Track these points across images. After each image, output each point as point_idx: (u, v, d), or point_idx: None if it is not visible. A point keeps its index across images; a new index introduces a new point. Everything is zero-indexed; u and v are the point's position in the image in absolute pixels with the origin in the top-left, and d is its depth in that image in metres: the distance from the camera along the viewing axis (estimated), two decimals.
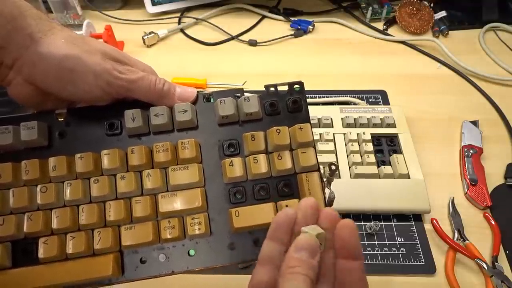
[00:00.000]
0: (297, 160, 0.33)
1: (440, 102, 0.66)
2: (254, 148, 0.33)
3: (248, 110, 0.34)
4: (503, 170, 0.56)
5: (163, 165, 0.33)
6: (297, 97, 0.35)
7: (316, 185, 0.32)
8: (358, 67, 0.74)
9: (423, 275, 0.47)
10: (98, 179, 0.32)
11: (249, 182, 0.33)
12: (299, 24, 0.81)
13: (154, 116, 0.33)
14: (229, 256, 0.31)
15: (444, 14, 0.80)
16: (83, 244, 0.30)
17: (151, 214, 0.32)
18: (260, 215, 0.31)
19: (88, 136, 0.33)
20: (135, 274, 0.31)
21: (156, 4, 0.84)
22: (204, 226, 0.31)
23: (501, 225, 0.50)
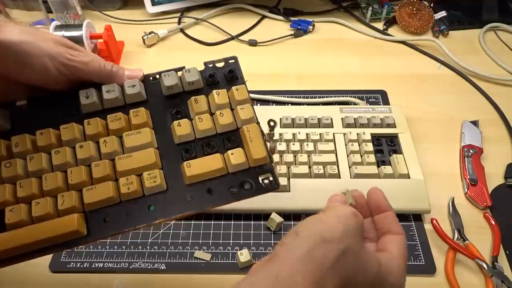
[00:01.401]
0: (237, 116, 0.36)
1: (440, 102, 0.66)
2: (198, 109, 0.37)
3: (190, 79, 0.37)
4: (503, 170, 0.56)
5: (117, 132, 0.36)
6: (232, 67, 0.39)
7: (256, 135, 0.35)
8: (358, 67, 0.74)
9: (423, 275, 0.47)
10: (59, 150, 0.34)
11: (197, 141, 0.36)
12: (299, 24, 0.81)
13: (106, 92, 0.36)
14: (186, 207, 0.34)
15: (444, 14, 0.81)
16: (48, 206, 0.32)
17: (110, 174, 0.34)
18: (210, 164, 0.34)
19: (48, 119, 0.36)
20: (100, 233, 0.32)
21: (156, 4, 0.84)
22: (159, 179, 0.33)
23: (501, 225, 0.50)
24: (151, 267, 0.48)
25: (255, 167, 0.35)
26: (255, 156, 0.34)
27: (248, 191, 0.34)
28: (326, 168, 0.53)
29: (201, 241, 0.50)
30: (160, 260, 0.48)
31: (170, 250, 0.49)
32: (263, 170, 0.35)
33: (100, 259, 0.48)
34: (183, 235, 0.50)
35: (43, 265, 0.48)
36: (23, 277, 0.47)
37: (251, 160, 0.35)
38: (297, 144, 0.56)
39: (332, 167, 0.53)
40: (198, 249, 0.49)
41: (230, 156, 0.35)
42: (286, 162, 0.54)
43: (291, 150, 0.55)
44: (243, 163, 0.35)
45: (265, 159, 0.35)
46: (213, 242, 0.50)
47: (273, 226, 0.50)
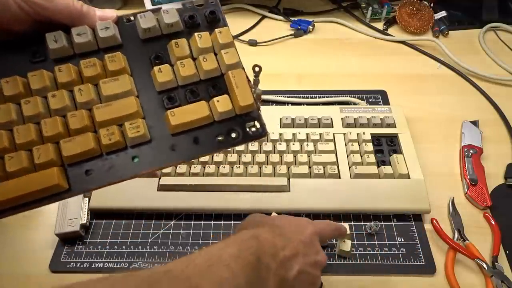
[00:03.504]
0: (222, 61, 0.34)
1: (440, 102, 0.66)
2: (180, 53, 0.34)
3: (168, 21, 0.34)
4: (503, 170, 0.56)
5: (93, 80, 0.33)
6: (213, 8, 0.36)
7: (243, 80, 0.34)
8: (358, 67, 0.74)
9: (423, 275, 0.47)
10: (29, 100, 0.31)
11: (180, 89, 0.34)
12: (299, 24, 0.81)
13: (77, 35, 0.33)
14: (171, 157, 0.32)
15: (444, 14, 0.81)
16: (23, 161, 0.30)
17: (89, 125, 0.31)
18: (196, 112, 0.33)
19: (13, 66, 0.33)
20: (82, 186, 0.31)
21: (156, 4, 0.84)
22: (142, 129, 0.32)
23: (501, 225, 0.50)
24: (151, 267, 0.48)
25: (242, 115, 0.33)
26: (242, 103, 0.33)
27: (235, 139, 0.33)
28: (326, 168, 0.53)
29: (201, 241, 0.50)
30: (160, 260, 0.48)
31: (170, 250, 0.49)
32: (250, 117, 0.34)
33: (100, 259, 0.48)
34: (183, 235, 0.50)
35: (43, 265, 0.48)
36: (23, 277, 0.47)
37: (237, 108, 0.33)
38: (297, 144, 0.56)
39: (332, 167, 0.53)
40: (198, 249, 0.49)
41: (216, 104, 0.33)
42: (286, 162, 0.54)
43: (291, 150, 0.55)
44: (230, 111, 0.33)
45: (252, 106, 0.33)
46: (213, 242, 0.50)
47: None
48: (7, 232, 0.51)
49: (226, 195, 0.51)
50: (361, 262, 0.48)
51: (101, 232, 0.50)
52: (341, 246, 0.47)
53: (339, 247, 0.48)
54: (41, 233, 0.50)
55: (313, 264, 0.38)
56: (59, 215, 0.50)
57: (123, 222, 0.51)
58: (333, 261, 0.48)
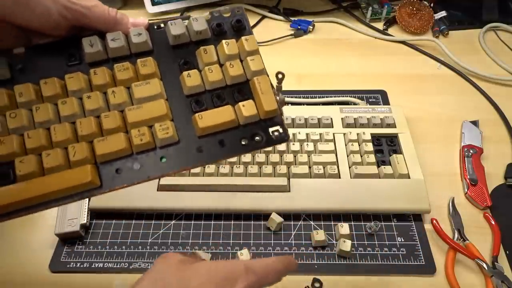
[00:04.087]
0: (247, 67, 0.36)
1: (440, 102, 0.66)
2: (208, 60, 0.36)
3: (197, 29, 0.36)
4: (503, 170, 0.56)
5: (126, 82, 0.35)
6: (239, 17, 0.38)
7: (267, 86, 0.35)
8: (358, 67, 0.74)
9: (423, 275, 0.47)
10: (65, 100, 0.33)
11: (207, 93, 0.35)
12: (299, 24, 0.81)
13: (111, 40, 0.35)
14: (198, 158, 0.34)
15: (444, 14, 0.81)
16: (60, 158, 0.31)
17: (121, 125, 0.33)
18: (222, 116, 0.34)
19: (49, 69, 0.35)
20: (113, 184, 0.32)
21: (156, 4, 0.84)
22: (171, 130, 0.33)
23: (501, 225, 0.50)
24: None
25: (266, 119, 0.35)
26: (267, 108, 0.34)
27: (259, 143, 0.34)
28: (326, 168, 0.53)
29: (201, 241, 0.50)
30: None
31: (170, 250, 0.49)
32: (273, 122, 0.35)
33: (100, 259, 0.48)
34: (183, 235, 0.50)
35: (43, 265, 0.48)
36: (23, 277, 0.47)
37: (262, 112, 0.35)
38: (297, 144, 0.56)
39: (332, 167, 0.53)
40: (198, 249, 0.49)
41: (242, 108, 0.34)
42: (286, 162, 0.54)
43: (291, 150, 0.55)
44: (254, 115, 0.34)
45: (276, 111, 0.35)
46: (213, 242, 0.50)
47: (273, 226, 0.50)
48: (7, 232, 0.51)
49: (226, 195, 0.51)
50: (361, 262, 0.48)
51: (101, 232, 0.50)
52: (341, 246, 0.47)
53: (339, 247, 0.48)
54: (41, 233, 0.50)
55: None
56: (59, 215, 0.50)
57: (123, 222, 0.51)
58: (333, 261, 0.48)
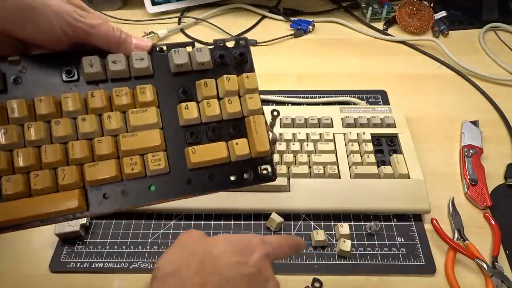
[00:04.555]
0: (245, 105, 0.36)
1: (440, 102, 0.66)
2: (207, 93, 0.36)
3: (200, 60, 0.36)
4: (503, 170, 0.56)
5: (122, 108, 0.34)
6: (243, 50, 0.38)
7: (262, 126, 0.36)
8: (358, 67, 0.74)
9: (423, 275, 0.47)
10: (59, 120, 0.33)
11: (203, 125, 0.36)
12: (299, 24, 0.81)
13: (112, 63, 0.34)
14: (186, 189, 0.34)
15: (444, 14, 0.81)
16: (48, 180, 0.31)
17: (113, 152, 0.33)
18: (215, 152, 0.35)
19: (45, 83, 0.34)
20: (99, 208, 0.32)
21: (156, 4, 0.84)
22: (163, 162, 0.33)
23: (501, 225, 0.50)
24: (151, 267, 0.48)
25: (256, 158, 0.36)
26: (259, 149, 0.35)
27: (247, 180, 0.35)
28: (326, 168, 0.53)
29: None
30: None
31: None
32: (263, 161, 0.36)
33: (100, 259, 0.48)
34: None
35: (43, 265, 0.48)
36: (23, 277, 0.47)
37: (254, 152, 0.35)
38: (297, 144, 0.56)
39: (332, 167, 0.53)
40: None
41: (235, 146, 0.35)
42: (286, 162, 0.54)
43: (291, 150, 0.55)
44: (246, 154, 0.35)
45: (267, 152, 0.36)
46: None
47: (273, 226, 0.50)
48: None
49: (226, 195, 0.51)
50: (361, 262, 0.48)
51: (101, 232, 0.50)
52: (341, 246, 0.47)
53: (339, 247, 0.48)
54: (41, 233, 0.50)
55: None
56: None
57: (123, 222, 0.51)
58: (333, 261, 0.48)
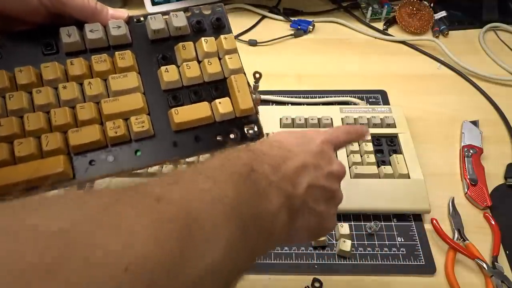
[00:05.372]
0: (225, 65, 0.36)
1: (440, 102, 0.66)
2: (186, 56, 0.36)
3: (177, 24, 0.36)
4: (503, 170, 0.56)
5: (102, 75, 0.34)
6: (219, 15, 0.38)
7: (244, 84, 0.36)
8: (358, 67, 0.74)
9: (423, 275, 0.47)
10: (40, 89, 0.33)
11: (185, 89, 0.35)
12: (299, 24, 0.81)
13: (89, 31, 0.34)
14: (173, 153, 0.34)
15: (444, 14, 0.81)
16: (32, 146, 0.31)
17: (96, 117, 0.33)
18: (198, 111, 0.34)
19: (25, 57, 0.34)
20: (86, 175, 0.32)
21: (156, 4, 0.84)
22: (147, 124, 0.33)
23: (501, 225, 0.50)
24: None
25: (241, 117, 0.35)
26: (242, 107, 0.35)
27: (233, 140, 0.35)
28: None
29: None
30: None
31: None
32: (249, 121, 0.36)
33: None
34: None
35: None
36: None
37: (237, 110, 0.35)
38: None
39: None
40: None
41: (218, 105, 0.35)
42: None
43: None
44: (230, 113, 0.35)
45: (251, 109, 0.35)
46: None
47: None
48: None
49: None
50: (361, 262, 0.48)
51: None
52: (341, 246, 0.47)
53: (339, 247, 0.48)
54: None
55: (328, 176, 0.33)
56: None
57: None
58: (333, 261, 0.48)
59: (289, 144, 0.33)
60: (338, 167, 0.35)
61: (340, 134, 0.38)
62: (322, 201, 0.33)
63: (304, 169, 0.31)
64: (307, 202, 0.31)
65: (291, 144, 0.33)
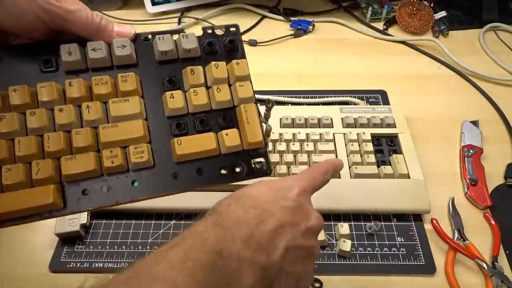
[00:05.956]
0: (235, 93, 0.34)
1: (440, 102, 0.66)
2: (194, 81, 0.34)
3: (186, 46, 0.34)
4: (503, 170, 0.56)
5: (103, 98, 0.32)
6: (233, 37, 0.36)
7: (254, 115, 0.33)
8: (358, 67, 0.74)
9: (423, 275, 0.47)
10: (35, 111, 0.30)
11: (190, 116, 0.33)
12: (299, 24, 0.81)
13: (92, 50, 0.32)
14: (172, 185, 0.32)
15: (444, 14, 0.81)
16: (21, 175, 0.29)
17: (92, 144, 0.31)
18: (202, 143, 0.32)
19: (22, 73, 0.32)
20: (77, 206, 0.30)
21: (156, 4, 0.84)
22: (147, 155, 0.31)
23: (501, 225, 0.50)
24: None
25: (249, 150, 0.33)
26: (251, 140, 0.33)
27: (239, 175, 0.33)
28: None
29: None
30: None
31: None
32: (257, 154, 0.34)
33: (100, 259, 0.48)
34: None
35: (43, 265, 0.48)
36: (23, 277, 0.47)
37: (245, 143, 0.33)
38: (297, 144, 0.56)
39: None
40: None
41: (225, 137, 0.33)
42: (286, 162, 0.54)
43: (291, 150, 0.55)
44: (237, 146, 0.33)
45: (261, 143, 0.33)
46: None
47: None
48: (7, 232, 0.51)
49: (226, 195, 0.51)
50: (361, 262, 0.48)
51: (101, 232, 0.50)
52: (341, 246, 0.47)
53: (339, 247, 0.48)
54: (41, 233, 0.50)
55: (305, 233, 0.32)
56: None
57: (123, 222, 0.51)
58: (333, 261, 0.48)
59: (264, 201, 0.31)
60: (316, 221, 0.33)
61: (317, 176, 0.36)
62: (300, 261, 0.31)
63: (281, 231, 0.30)
64: (284, 267, 0.30)
65: (266, 201, 0.31)
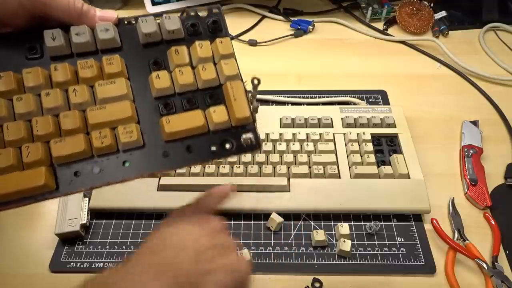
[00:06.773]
0: (221, 71, 0.34)
1: (440, 102, 0.66)
2: (179, 61, 0.34)
3: (170, 28, 0.34)
4: (503, 170, 0.56)
5: (89, 81, 0.32)
6: (216, 18, 0.36)
7: (240, 92, 0.33)
8: (358, 67, 0.74)
9: (423, 275, 0.47)
10: (22, 97, 0.31)
11: (177, 96, 0.34)
12: (299, 24, 0.81)
13: (75, 35, 0.32)
14: (163, 163, 0.32)
15: (444, 14, 0.81)
16: (11, 158, 0.29)
17: (81, 126, 0.31)
18: (191, 121, 0.32)
19: (7, 61, 0.32)
20: (70, 188, 0.30)
21: (156, 4, 0.84)
22: (136, 134, 0.31)
23: (501, 225, 0.50)
24: None
25: (237, 127, 0.33)
26: (238, 115, 0.33)
27: (229, 151, 0.33)
28: (326, 168, 0.53)
29: None
30: None
31: None
32: (245, 130, 0.34)
33: (100, 259, 0.48)
34: None
35: (43, 265, 0.48)
36: (23, 277, 0.47)
37: (233, 119, 0.33)
38: (297, 144, 0.56)
39: (332, 167, 0.53)
40: None
41: (212, 114, 0.33)
42: (286, 162, 0.54)
43: (291, 150, 0.55)
44: (225, 122, 0.33)
45: (248, 118, 0.33)
46: None
47: (273, 226, 0.50)
48: (7, 232, 0.51)
49: None
50: (361, 262, 0.48)
51: (101, 232, 0.50)
52: (341, 246, 0.47)
53: (339, 247, 0.48)
54: (41, 233, 0.50)
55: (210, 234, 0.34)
56: (59, 215, 0.50)
57: (123, 222, 0.51)
58: (333, 261, 0.48)
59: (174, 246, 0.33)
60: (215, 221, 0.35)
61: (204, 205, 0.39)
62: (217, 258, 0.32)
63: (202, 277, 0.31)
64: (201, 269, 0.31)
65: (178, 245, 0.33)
